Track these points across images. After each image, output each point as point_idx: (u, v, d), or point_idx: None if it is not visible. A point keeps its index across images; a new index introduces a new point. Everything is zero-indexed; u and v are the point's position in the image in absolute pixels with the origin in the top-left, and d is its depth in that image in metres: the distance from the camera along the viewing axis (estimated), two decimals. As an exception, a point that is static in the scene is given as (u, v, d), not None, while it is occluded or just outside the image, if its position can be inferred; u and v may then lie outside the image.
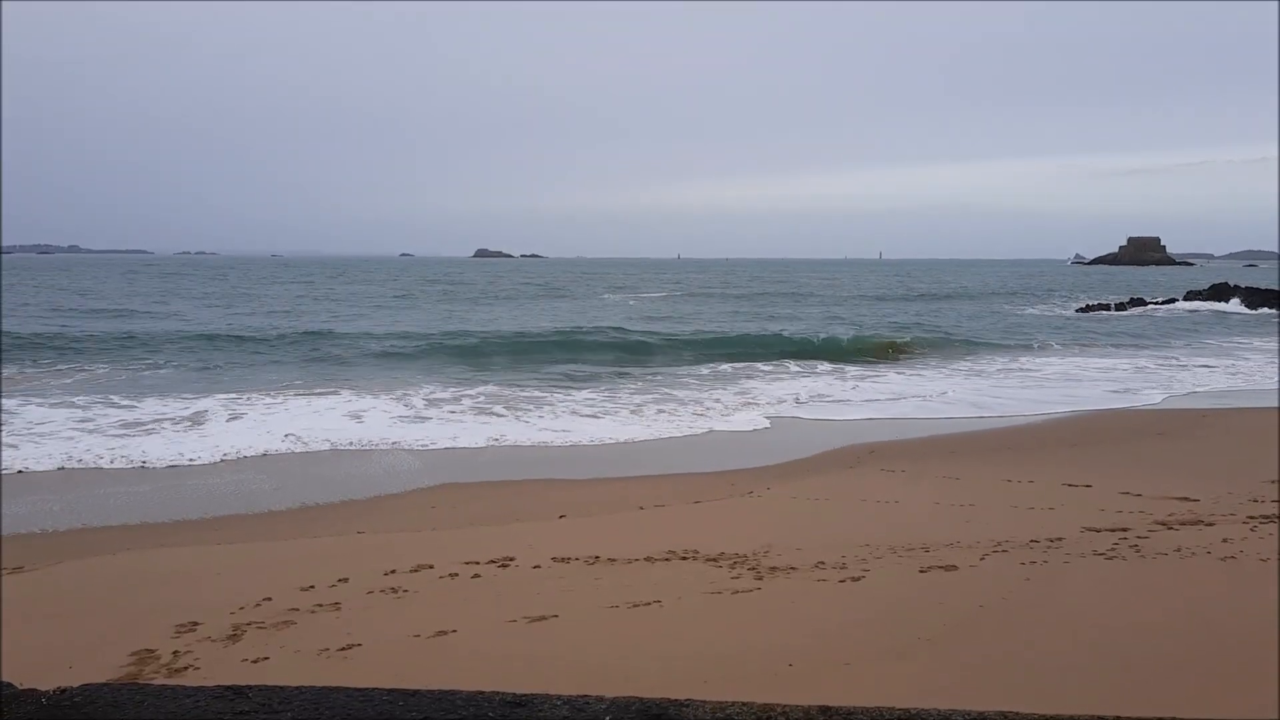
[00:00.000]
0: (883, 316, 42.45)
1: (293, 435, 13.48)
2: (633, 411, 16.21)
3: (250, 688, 1.04)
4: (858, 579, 6.66)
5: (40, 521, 9.38)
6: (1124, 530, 8.01)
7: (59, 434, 13.54)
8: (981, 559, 7.15)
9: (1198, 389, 19.97)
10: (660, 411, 16.22)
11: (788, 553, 7.41)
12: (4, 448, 12.20)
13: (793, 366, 23.59)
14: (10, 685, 0.96)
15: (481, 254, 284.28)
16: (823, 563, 7.09)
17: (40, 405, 15.77)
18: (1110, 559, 7.08)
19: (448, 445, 13.42)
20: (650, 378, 21.06)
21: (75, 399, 16.68)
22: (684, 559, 7.31)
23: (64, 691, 0.97)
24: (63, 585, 7.17)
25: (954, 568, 6.89)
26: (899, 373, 22.83)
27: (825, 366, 23.58)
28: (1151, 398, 18.61)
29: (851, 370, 22.88)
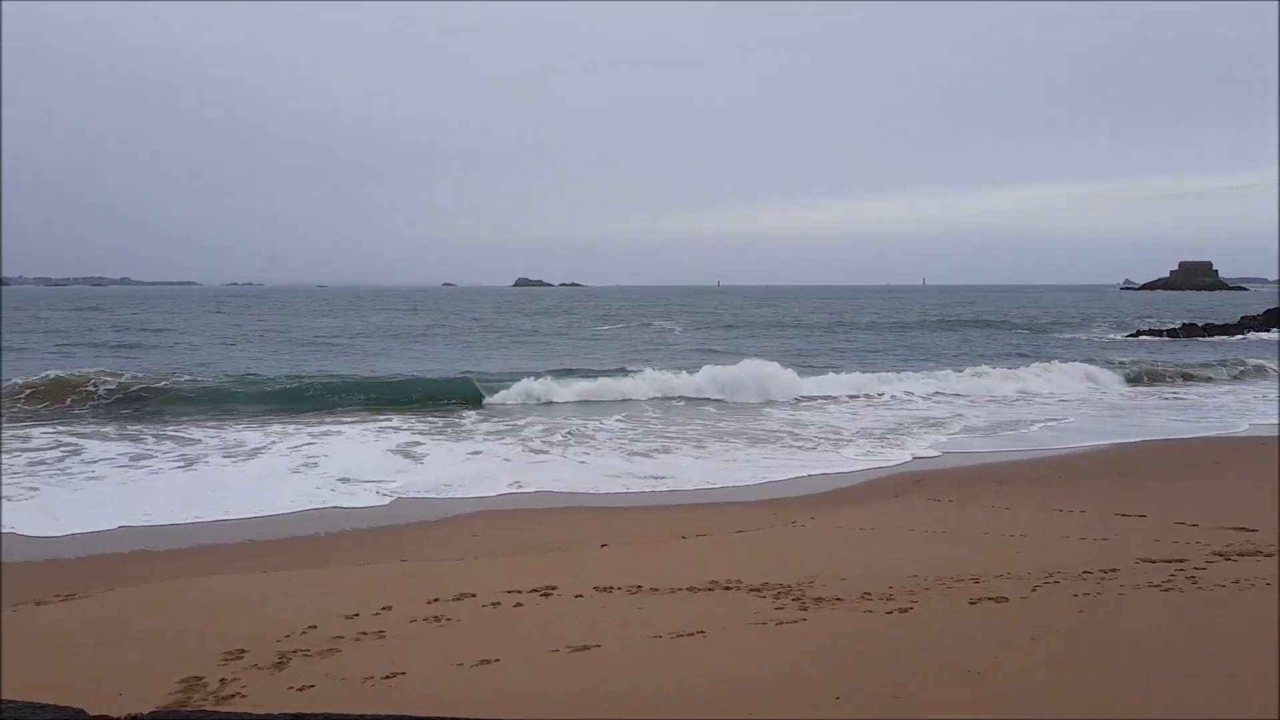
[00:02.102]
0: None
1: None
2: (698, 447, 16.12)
3: (313, 716, 1.04)
4: (905, 610, 6.56)
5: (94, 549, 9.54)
6: (1180, 561, 7.83)
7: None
8: (1033, 590, 7.02)
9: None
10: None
11: (833, 583, 7.32)
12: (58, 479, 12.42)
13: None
14: (83, 712, 0.97)
15: (522, 283, 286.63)
16: (869, 593, 6.99)
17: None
18: (1166, 590, 6.92)
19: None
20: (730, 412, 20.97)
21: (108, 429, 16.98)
22: (727, 589, 7.25)
23: (135, 718, 0.97)
24: (114, 612, 7.26)
25: (1004, 599, 6.76)
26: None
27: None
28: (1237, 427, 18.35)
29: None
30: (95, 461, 14.18)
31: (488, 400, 21.08)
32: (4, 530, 10.14)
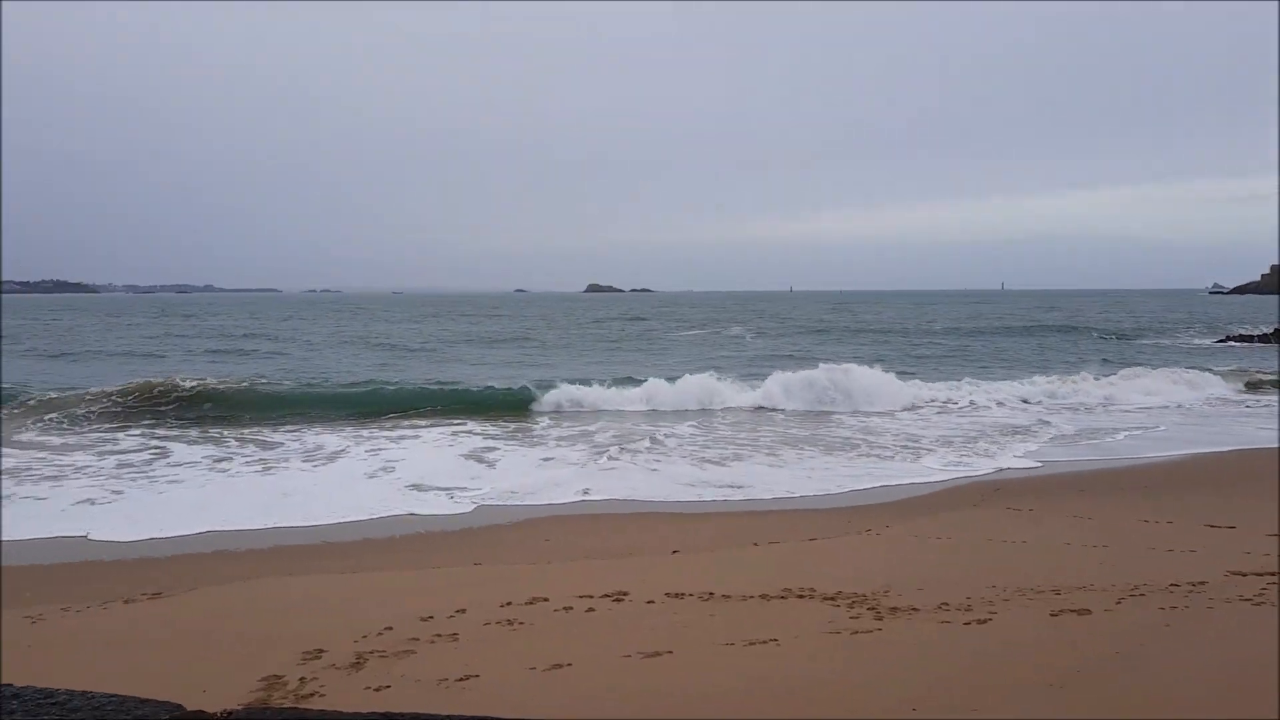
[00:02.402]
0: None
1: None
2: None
3: (401, 715, 1.05)
4: (984, 621, 6.42)
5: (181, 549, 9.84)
6: (1272, 575, 7.53)
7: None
8: (1117, 603, 6.81)
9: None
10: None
11: (909, 593, 7.20)
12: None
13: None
14: (180, 707, 1.00)
15: (593, 289, 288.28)
16: (946, 604, 6.86)
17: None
18: (1258, 605, 6.66)
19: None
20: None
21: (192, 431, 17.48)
22: (800, 597, 7.18)
23: (230, 714, 1.00)
24: (198, 611, 7.47)
25: (1087, 611, 6.58)
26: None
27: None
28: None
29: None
30: (180, 464, 14.63)
31: (558, 407, 21.20)
32: (89, 530, 10.53)
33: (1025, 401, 23.14)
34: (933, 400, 22.81)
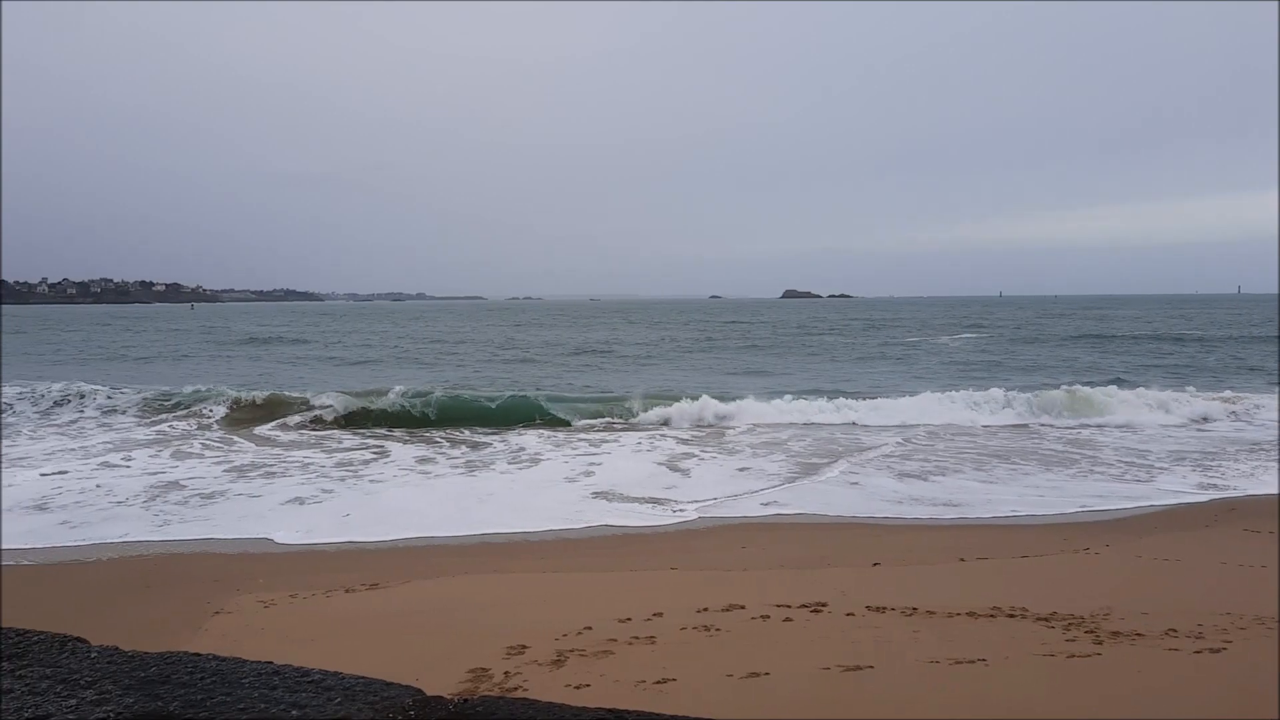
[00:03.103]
0: None
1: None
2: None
3: (630, 713, 1.06)
4: (1217, 651, 5.91)
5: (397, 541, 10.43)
6: None
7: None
8: (1378, 639, 6.11)
9: None
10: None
11: (1131, 617, 6.71)
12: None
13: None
14: (420, 691, 1.04)
15: (789, 295, 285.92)
16: (1174, 630, 6.35)
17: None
18: None
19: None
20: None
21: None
22: (1011, 616, 6.82)
23: (466, 701, 1.03)
24: (410, 602, 7.88)
25: (1342, 647, 5.93)
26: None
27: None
28: None
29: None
30: (394, 463, 15.58)
31: (753, 417, 20.97)
32: (306, 525, 11.32)
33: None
34: (1164, 408, 21.08)
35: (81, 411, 21.94)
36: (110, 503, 12.39)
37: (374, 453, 16.76)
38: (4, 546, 10.08)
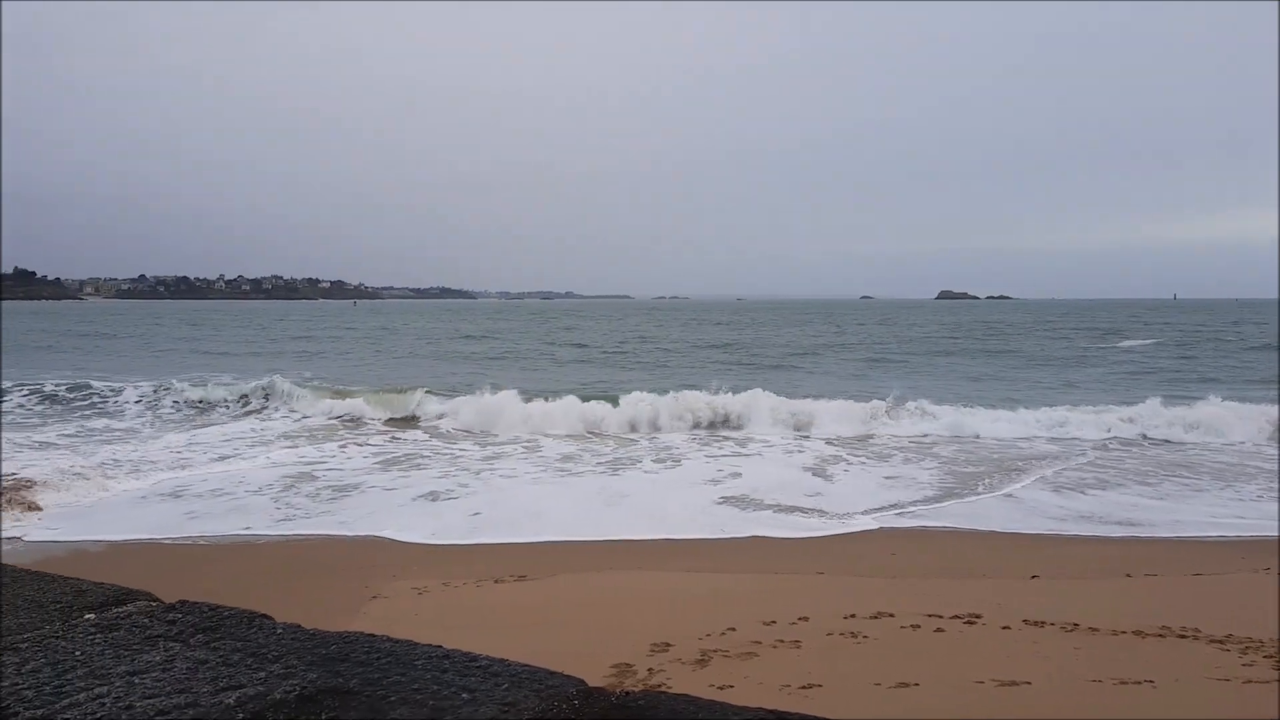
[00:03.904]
0: None
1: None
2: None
3: (791, 715, 1.05)
4: None
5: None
6: None
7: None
8: None
9: None
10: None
11: (1322, 644, 6.22)
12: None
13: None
14: (584, 682, 1.07)
15: (945, 295, 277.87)
16: (1368, 661, 5.85)
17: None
18: None
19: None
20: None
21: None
22: (1182, 637, 6.43)
23: (629, 694, 1.05)
24: (557, 595, 8.04)
25: None
26: None
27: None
28: None
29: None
30: (544, 457, 15.96)
31: (900, 427, 20.20)
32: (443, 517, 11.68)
33: None
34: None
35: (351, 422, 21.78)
36: (246, 492, 13.06)
37: (526, 447, 17.17)
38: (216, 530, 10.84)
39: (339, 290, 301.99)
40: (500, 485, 13.71)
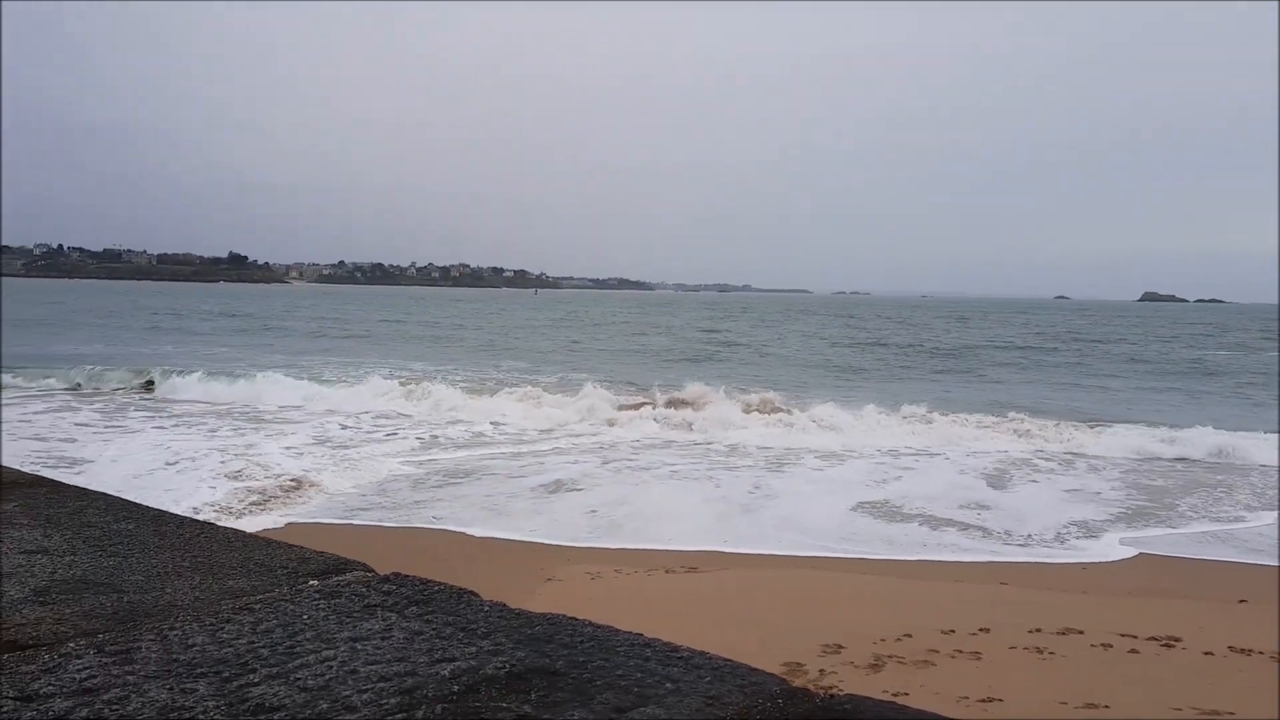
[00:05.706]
0: None
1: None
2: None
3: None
4: None
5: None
6: None
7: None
8: None
9: None
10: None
11: None
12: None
13: None
14: (785, 681, 1.07)
15: (1149, 297, 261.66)
16: None
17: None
18: None
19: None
20: None
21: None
22: None
23: (833, 697, 1.05)
24: (729, 589, 8.06)
25: None
26: None
27: None
28: None
29: None
30: (700, 446, 16.03)
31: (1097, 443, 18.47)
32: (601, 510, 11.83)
33: None
34: None
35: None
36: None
37: (652, 443, 17.26)
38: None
39: (521, 279, 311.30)
40: (637, 480, 13.86)
